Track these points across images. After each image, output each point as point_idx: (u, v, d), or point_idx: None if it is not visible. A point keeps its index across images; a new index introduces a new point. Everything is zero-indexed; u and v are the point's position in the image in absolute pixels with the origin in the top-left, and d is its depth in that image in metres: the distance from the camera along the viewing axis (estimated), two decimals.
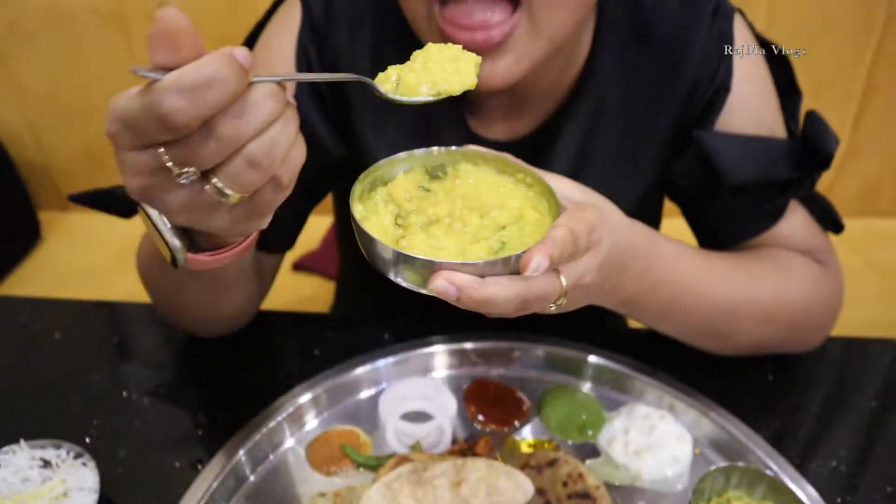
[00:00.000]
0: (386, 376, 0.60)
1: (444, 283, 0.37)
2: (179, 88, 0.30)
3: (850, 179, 1.42)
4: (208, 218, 0.36)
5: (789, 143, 0.59)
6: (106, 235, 1.32)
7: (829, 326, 0.64)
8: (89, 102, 1.30)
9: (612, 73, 0.59)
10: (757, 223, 0.61)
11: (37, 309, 0.70)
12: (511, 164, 0.45)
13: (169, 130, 0.31)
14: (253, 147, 0.33)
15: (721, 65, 0.58)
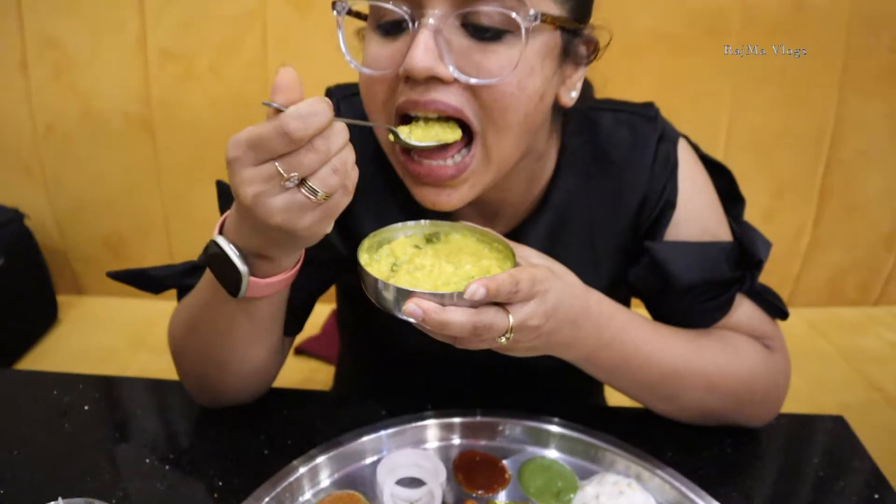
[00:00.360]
0: (384, 446, 0.67)
1: (412, 306, 0.50)
2: (298, 115, 0.45)
3: (816, 271, 1.52)
4: (299, 217, 0.49)
5: (729, 247, 0.69)
6: (118, 319, 1.41)
7: (776, 403, 0.72)
8: (111, 196, 1.41)
9: (572, 190, 0.71)
10: (707, 317, 0.70)
11: (68, 383, 0.77)
12: (489, 235, 0.59)
13: (289, 144, 0.46)
14: (335, 160, 0.47)
15: (667, 184, 0.69)
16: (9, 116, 1.35)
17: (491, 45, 0.54)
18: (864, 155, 1.43)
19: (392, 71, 0.56)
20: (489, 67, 0.54)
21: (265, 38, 1.32)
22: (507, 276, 0.51)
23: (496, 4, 0.53)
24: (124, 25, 1.32)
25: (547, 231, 0.71)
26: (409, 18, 0.54)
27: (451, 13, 0.54)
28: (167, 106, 1.34)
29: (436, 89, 0.55)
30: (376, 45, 0.58)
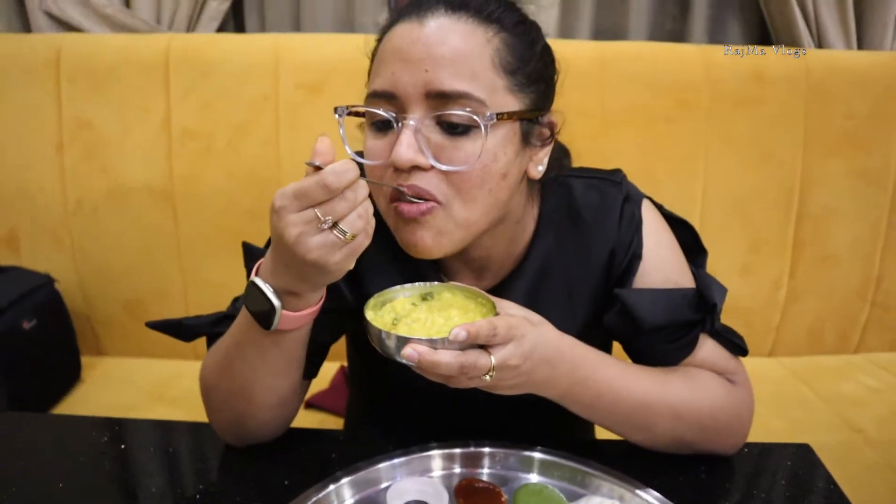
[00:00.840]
0: (392, 475, 0.75)
1: (409, 350, 0.61)
2: (334, 171, 0.57)
3: (796, 321, 1.61)
4: (331, 253, 0.59)
5: (690, 293, 0.79)
6: (136, 378, 1.49)
7: (740, 432, 0.80)
8: (133, 263, 1.51)
9: (550, 247, 0.81)
10: (675, 355, 0.79)
11: (105, 425, 0.85)
12: (475, 292, 0.70)
13: (327, 193, 0.57)
14: (360, 208, 0.59)
15: (633, 239, 0.79)
16: (44, 192, 1.47)
17: (460, 139, 0.67)
18: (832, 210, 1.54)
19: (385, 161, 0.69)
20: (459, 157, 0.67)
21: (278, 119, 1.46)
22: (484, 322, 0.62)
23: (460, 108, 0.65)
24: (151, 108, 1.46)
25: (529, 284, 0.81)
26: (394, 120, 0.67)
27: (427, 115, 0.66)
28: (187, 180, 1.47)
29: (416, 175, 0.67)
30: (371, 140, 0.71)
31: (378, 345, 0.64)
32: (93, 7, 1.53)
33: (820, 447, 0.82)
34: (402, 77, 0.66)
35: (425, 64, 0.65)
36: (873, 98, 1.50)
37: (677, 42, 1.70)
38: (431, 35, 0.66)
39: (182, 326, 0.81)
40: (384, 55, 0.69)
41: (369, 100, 0.70)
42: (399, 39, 0.68)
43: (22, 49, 1.47)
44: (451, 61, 0.65)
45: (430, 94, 0.66)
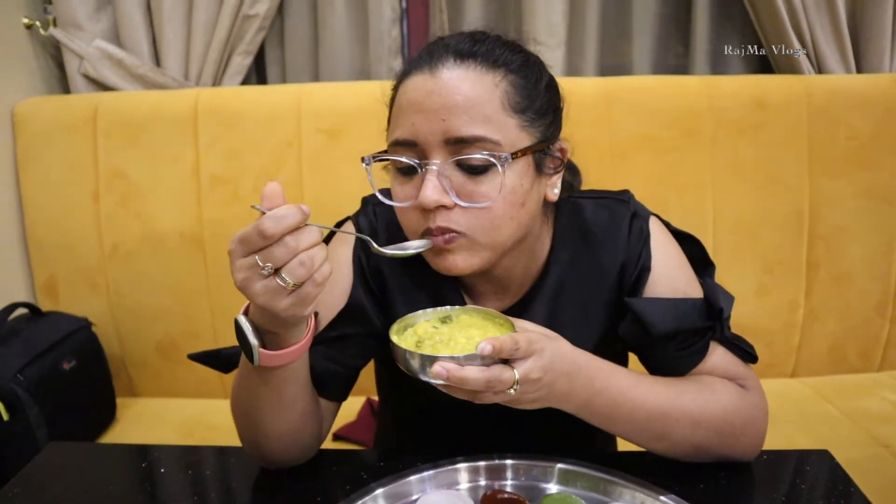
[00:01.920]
0: (421, 488, 0.77)
1: (438, 368, 0.63)
2: (272, 217, 0.58)
3: (816, 341, 1.61)
4: (277, 300, 0.61)
5: (699, 302, 0.82)
6: (168, 417, 1.53)
7: (756, 436, 0.82)
8: (165, 305, 1.57)
9: (565, 263, 0.86)
10: (687, 362, 0.82)
11: (146, 451, 0.89)
12: (492, 314, 0.74)
13: (263, 239, 0.58)
14: (304, 255, 0.59)
15: (642, 252, 0.84)
16: (82, 239, 1.55)
17: (479, 177, 0.72)
18: (842, 229, 1.56)
19: (412, 202, 0.74)
20: (480, 194, 0.72)
21: (301, 163, 1.53)
22: (507, 337, 0.65)
23: (478, 151, 0.71)
24: (181, 158, 1.54)
25: (548, 298, 0.86)
26: (417, 166, 0.73)
27: (448, 159, 0.72)
28: (216, 224, 1.54)
29: (441, 214, 0.72)
30: (398, 185, 0.76)
31: (405, 365, 0.67)
32: (126, 68, 1.64)
33: (847, 462, 0.83)
34: (421, 127, 0.72)
35: (441, 114, 0.71)
36: (875, 119, 1.54)
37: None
38: (444, 86, 0.71)
39: (220, 356, 0.86)
40: (402, 107, 0.74)
41: (392, 148, 0.75)
42: (414, 91, 0.73)
43: (62, 109, 1.58)
44: (464, 109, 0.70)
45: (448, 140, 0.71)
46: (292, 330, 0.69)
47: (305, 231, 0.60)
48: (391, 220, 0.89)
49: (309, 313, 0.66)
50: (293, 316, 0.64)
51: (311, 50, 1.74)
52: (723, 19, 1.72)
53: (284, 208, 0.59)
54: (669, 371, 0.83)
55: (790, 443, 1.33)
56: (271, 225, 0.58)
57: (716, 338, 0.82)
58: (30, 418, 1.24)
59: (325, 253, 0.62)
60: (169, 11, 1.61)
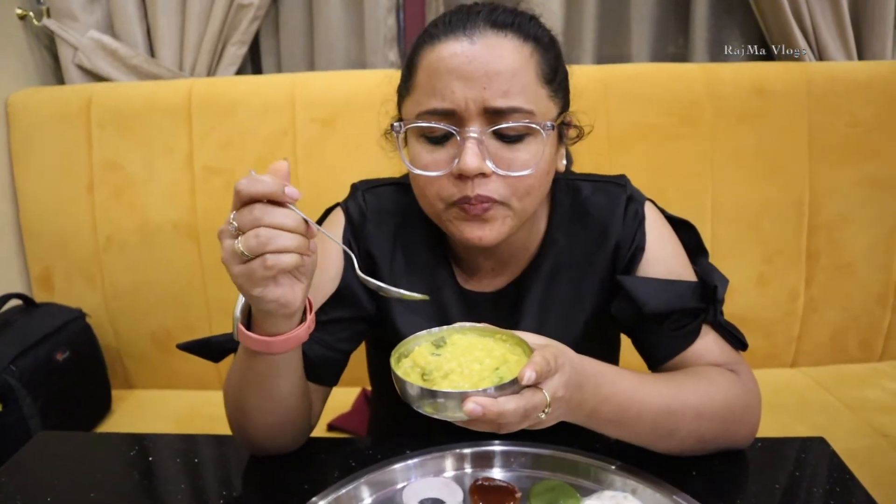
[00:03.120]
0: (408, 476, 0.76)
1: (472, 405, 0.56)
2: (249, 178, 0.59)
3: (816, 331, 1.60)
4: (231, 263, 0.61)
5: (693, 285, 0.82)
6: (164, 408, 1.53)
7: (753, 420, 0.81)
8: (160, 296, 1.56)
9: (562, 243, 0.86)
10: (679, 342, 0.82)
11: (135, 440, 0.88)
12: (489, 329, 0.68)
13: (236, 197, 0.59)
14: (263, 230, 0.58)
15: (636, 233, 0.84)
16: (76, 230, 1.55)
17: (515, 145, 0.73)
18: (844, 218, 1.55)
19: (443, 171, 0.73)
20: (517, 163, 0.73)
21: (295, 152, 1.52)
22: (541, 358, 0.60)
23: (516, 121, 0.71)
24: (175, 148, 1.53)
25: (543, 278, 0.86)
26: (456, 133, 0.72)
27: (486, 127, 0.72)
28: (211, 214, 1.53)
29: (479, 183, 0.72)
30: (426, 154, 0.74)
31: (420, 405, 0.59)
32: (121, 59, 1.63)
33: (846, 452, 0.82)
34: (461, 94, 0.71)
35: (482, 82, 0.71)
36: (876, 106, 1.52)
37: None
38: (485, 54, 0.71)
39: (211, 344, 0.84)
40: (436, 72, 0.72)
41: (425, 116, 0.73)
42: (452, 58, 0.72)
43: (56, 99, 1.57)
44: (505, 78, 0.71)
45: (487, 109, 0.71)
46: (267, 316, 0.66)
47: (277, 210, 0.59)
48: (380, 206, 0.89)
49: (259, 295, 0.62)
50: (247, 293, 0.63)
51: (307, 40, 1.73)
52: (722, 7, 1.70)
53: (266, 176, 0.59)
54: (661, 352, 0.82)
55: (789, 432, 1.29)
56: (245, 184, 0.58)
57: (708, 321, 0.82)
58: (23, 409, 1.23)
59: (293, 244, 0.60)
60: (163, 2, 1.60)
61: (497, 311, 0.87)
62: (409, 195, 0.89)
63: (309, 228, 0.62)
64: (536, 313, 0.85)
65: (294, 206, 0.61)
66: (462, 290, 0.87)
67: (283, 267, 0.60)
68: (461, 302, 0.87)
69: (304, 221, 0.61)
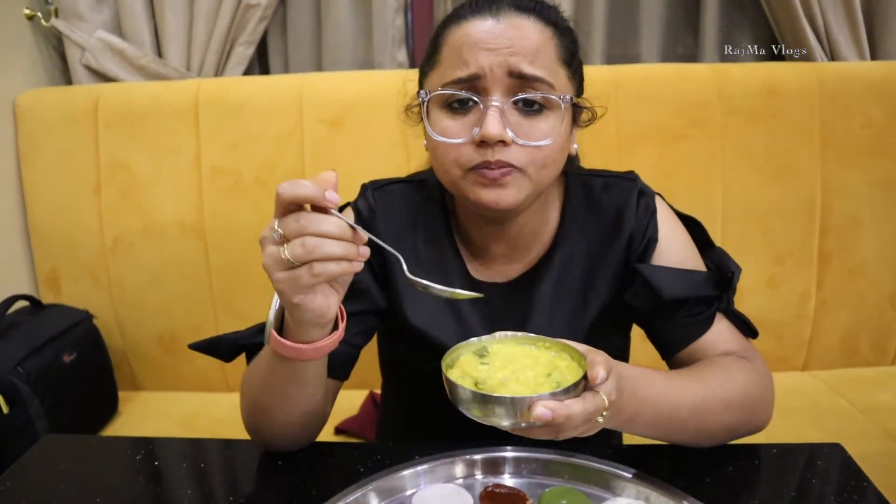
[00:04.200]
0: (418, 482, 0.76)
1: (542, 409, 0.56)
2: (290, 181, 0.59)
3: (828, 333, 1.58)
4: (274, 269, 0.61)
5: (706, 274, 0.84)
6: (170, 410, 1.52)
7: (771, 405, 0.83)
8: (166, 297, 1.56)
9: (574, 234, 0.87)
10: (693, 329, 0.83)
11: (142, 444, 0.88)
12: (529, 338, 0.68)
13: (279, 202, 0.59)
14: (309, 239, 0.58)
15: (649, 224, 0.85)
16: (83, 231, 1.54)
17: (535, 117, 0.75)
18: (855, 219, 1.53)
19: (464, 138, 0.75)
20: (535, 133, 0.75)
21: (302, 153, 1.52)
22: (603, 359, 0.61)
23: (537, 93, 0.74)
24: (182, 149, 1.53)
25: (557, 267, 0.87)
26: (479, 101, 0.74)
27: (507, 97, 0.74)
28: (218, 215, 1.53)
29: (501, 150, 0.74)
30: (448, 121, 0.76)
31: (483, 411, 0.59)
32: (128, 59, 1.63)
33: (859, 456, 0.81)
34: (486, 61, 0.74)
35: (509, 52, 0.74)
36: (889, 106, 1.50)
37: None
38: (511, 29, 0.75)
39: (222, 343, 0.85)
40: (462, 45, 0.75)
41: (450, 85, 0.75)
42: (480, 33, 0.75)
43: (63, 100, 1.57)
44: (531, 51, 0.74)
45: (512, 73, 0.73)
46: (302, 324, 0.67)
47: (323, 217, 0.59)
48: (389, 203, 0.89)
49: (299, 303, 0.63)
50: (287, 300, 0.63)
51: (314, 40, 1.72)
52: (732, 6, 1.68)
53: (308, 181, 0.59)
54: (676, 340, 0.84)
55: (801, 437, 1.27)
56: (286, 188, 0.59)
57: (721, 309, 0.83)
58: (30, 411, 1.23)
59: (340, 251, 0.59)
60: (170, 2, 1.59)
61: (509, 300, 0.87)
62: (419, 192, 0.90)
63: (356, 234, 0.62)
64: (549, 303, 0.86)
65: (338, 213, 0.61)
66: (474, 281, 0.88)
67: (330, 274, 0.60)
68: (474, 292, 0.86)
69: (349, 228, 0.61)
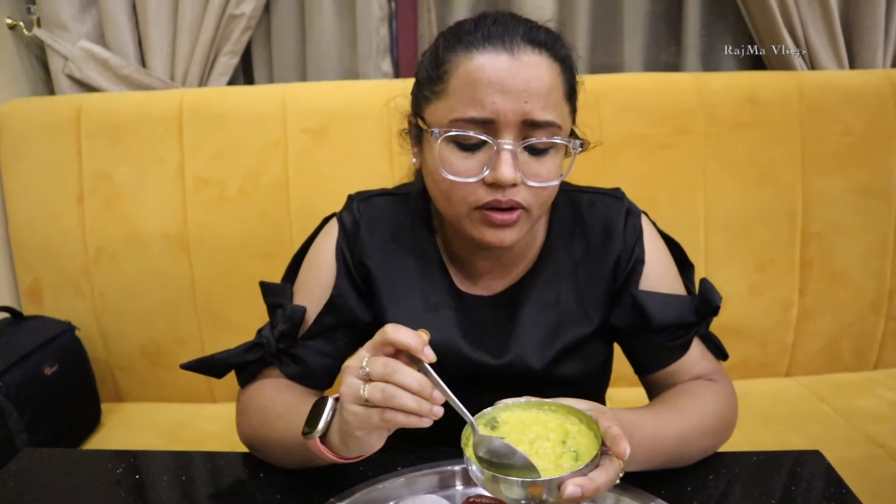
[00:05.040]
0: (399, 493, 0.75)
1: (573, 488, 0.59)
2: (396, 325, 0.63)
3: (810, 340, 1.59)
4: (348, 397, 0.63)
5: (689, 299, 0.86)
6: (154, 422, 1.51)
7: (735, 420, 0.86)
8: (150, 308, 1.55)
9: (561, 250, 0.87)
10: (672, 353, 0.85)
11: (122, 457, 0.87)
12: (533, 402, 0.68)
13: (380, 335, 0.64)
14: (389, 386, 0.61)
15: (636, 245, 0.86)
16: (66, 242, 1.53)
17: (542, 157, 0.77)
18: (836, 227, 1.55)
19: (475, 178, 0.75)
20: (543, 173, 0.77)
21: (287, 163, 1.51)
22: (619, 430, 0.62)
23: (548, 136, 0.76)
24: (166, 159, 1.52)
25: (543, 282, 0.87)
26: (492, 143, 0.75)
27: (519, 139, 0.75)
28: (202, 226, 1.52)
29: (511, 191, 0.75)
30: (458, 158, 0.76)
31: (511, 494, 0.60)
32: (112, 69, 1.62)
33: (841, 462, 0.82)
34: (502, 106, 0.74)
35: (524, 96, 0.74)
36: (868, 115, 1.52)
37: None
38: (526, 70, 0.74)
39: (214, 361, 0.86)
40: (477, 82, 0.74)
41: (461, 123, 0.75)
42: (494, 70, 0.74)
43: (46, 109, 1.55)
44: (543, 95, 0.75)
45: (525, 122, 0.75)
46: (346, 448, 0.67)
47: (407, 371, 0.61)
48: (374, 215, 0.89)
49: (359, 436, 0.64)
50: (350, 427, 0.64)
51: (299, 50, 1.73)
52: (714, 16, 1.70)
53: (413, 333, 0.63)
54: (655, 362, 0.86)
55: (784, 443, 1.31)
56: (391, 330, 0.62)
57: (699, 333, 0.85)
58: (9, 424, 1.21)
59: (413, 406, 0.61)
60: (154, 12, 1.59)
61: (495, 314, 0.88)
62: (404, 204, 0.90)
63: (434, 395, 0.61)
64: (534, 317, 0.86)
65: (430, 368, 0.63)
66: (460, 294, 0.88)
67: (398, 424, 0.62)
68: (459, 305, 0.87)
69: (430, 386, 0.62)
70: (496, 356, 0.86)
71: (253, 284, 0.97)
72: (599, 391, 0.96)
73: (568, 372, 0.87)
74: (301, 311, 0.86)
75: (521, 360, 0.85)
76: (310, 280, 0.89)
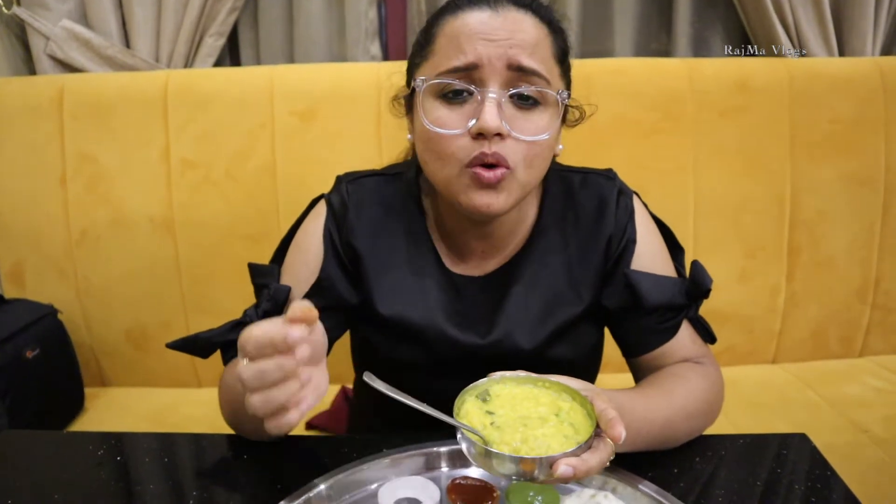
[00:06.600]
0: (385, 474, 0.75)
1: (565, 468, 0.58)
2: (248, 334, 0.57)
3: (797, 326, 1.60)
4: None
5: (681, 281, 0.85)
6: (139, 406, 1.49)
7: (721, 405, 0.86)
8: (135, 293, 1.53)
9: (552, 229, 0.86)
10: (661, 336, 0.85)
11: (102, 439, 0.86)
12: (529, 377, 0.68)
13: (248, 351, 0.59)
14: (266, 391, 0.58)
15: (627, 226, 0.85)
16: (49, 225, 1.50)
17: (530, 111, 0.75)
18: (824, 214, 1.55)
19: (460, 130, 0.74)
20: (530, 128, 0.74)
21: (274, 146, 1.49)
22: (615, 412, 0.62)
23: (535, 87, 0.74)
24: (150, 141, 1.50)
25: (534, 261, 0.86)
26: (477, 92, 0.73)
27: (505, 89, 0.74)
28: (187, 208, 1.50)
29: (497, 143, 0.73)
30: (443, 111, 0.75)
31: (504, 470, 0.60)
32: (94, 49, 1.59)
33: (826, 447, 0.82)
34: (485, 52, 0.73)
35: (508, 44, 0.73)
36: (857, 102, 1.52)
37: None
38: (510, 23, 0.74)
39: (199, 340, 0.85)
40: (461, 35, 0.74)
41: (446, 74, 0.75)
42: (478, 23, 0.74)
43: (27, 90, 1.52)
44: (529, 45, 0.74)
45: (511, 66, 0.73)
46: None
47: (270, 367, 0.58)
48: (362, 196, 0.88)
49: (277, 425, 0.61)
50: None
51: (286, 32, 1.70)
52: (705, 3, 1.70)
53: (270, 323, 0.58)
54: (644, 344, 0.85)
55: (770, 428, 1.29)
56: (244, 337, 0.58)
57: (688, 316, 0.85)
58: None
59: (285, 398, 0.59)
60: None
61: (485, 295, 0.87)
62: (393, 185, 0.89)
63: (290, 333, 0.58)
64: (525, 297, 0.85)
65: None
66: (449, 274, 0.87)
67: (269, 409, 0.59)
68: (448, 286, 0.86)
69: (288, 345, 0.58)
70: (484, 336, 0.85)
71: (239, 267, 0.95)
72: (590, 378, 0.96)
73: (559, 354, 0.86)
74: (285, 290, 0.85)
75: (509, 338, 0.84)
76: (297, 262, 0.88)
